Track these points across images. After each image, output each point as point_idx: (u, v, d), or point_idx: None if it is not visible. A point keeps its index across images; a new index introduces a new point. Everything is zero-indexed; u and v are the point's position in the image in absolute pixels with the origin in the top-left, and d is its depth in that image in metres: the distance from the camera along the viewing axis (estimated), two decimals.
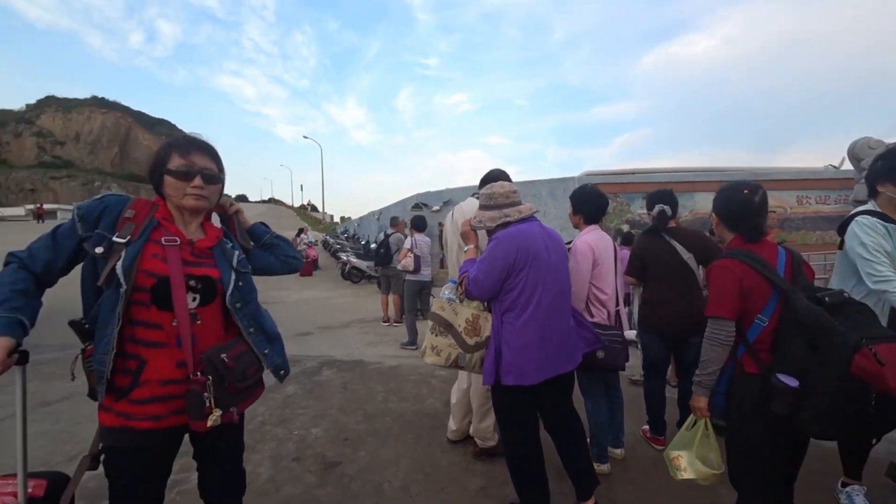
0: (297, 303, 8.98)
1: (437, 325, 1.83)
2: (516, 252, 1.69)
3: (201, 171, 1.24)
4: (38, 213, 34.93)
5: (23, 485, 1.11)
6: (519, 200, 1.86)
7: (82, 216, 1.16)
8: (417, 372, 4.28)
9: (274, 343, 1.38)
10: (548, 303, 1.72)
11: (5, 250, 1.14)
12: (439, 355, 1.82)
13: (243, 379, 1.23)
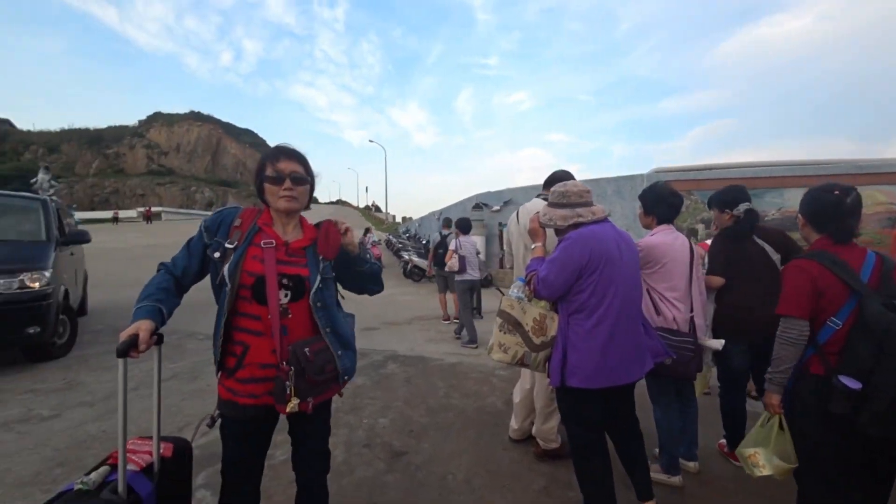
0: (363, 299, 9.38)
1: (506, 322, 1.82)
2: (589, 254, 1.65)
3: (290, 175, 1.37)
4: (147, 215, 39.67)
5: (157, 446, 1.32)
6: (592, 201, 1.83)
7: (206, 228, 1.38)
8: (478, 370, 4.33)
9: (346, 348, 1.47)
10: (618, 307, 1.68)
11: (125, 246, 1.37)
12: (506, 353, 1.81)
13: (321, 373, 1.33)
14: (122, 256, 15.04)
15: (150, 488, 1.21)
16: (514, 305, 1.83)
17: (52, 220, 4.91)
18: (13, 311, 3.89)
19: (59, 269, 4.56)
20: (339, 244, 1.45)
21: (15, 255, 4.21)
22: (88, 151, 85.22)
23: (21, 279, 3.99)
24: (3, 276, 3.93)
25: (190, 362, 4.42)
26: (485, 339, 5.84)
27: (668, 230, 2.27)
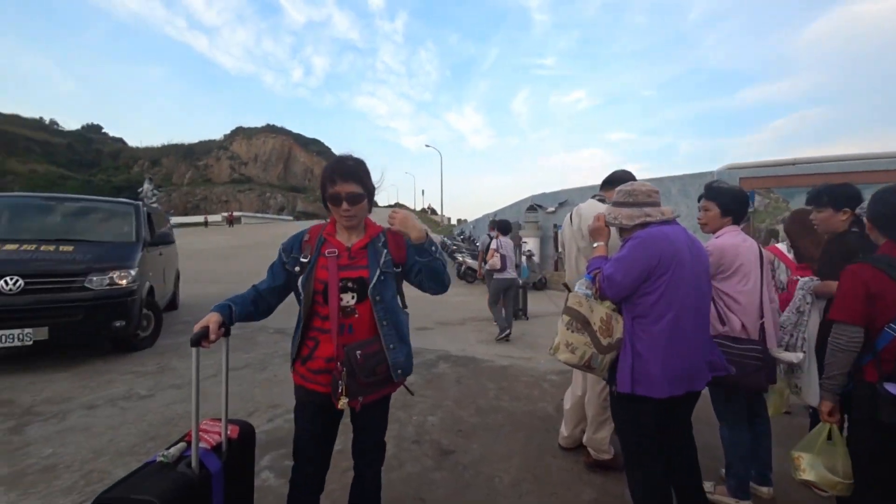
0: (417, 299, 9.52)
1: (574, 320, 1.67)
2: (659, 255, 1.55)
3: (346, 197, 1.45)
4: (229, 219, 43.40)
5: (225, 427, 1.45)
6: (660, 202, 1.72)
7: (283, 250, 1.55)
8: (529, 374, 4.25)
9: (402, 343, 1.52)
10: (686, 313, 1.57)
11: (212, 246, 1.52)
12: (574, 353, 1.64)
13: (371, 375, 1.40)
14: (210, 256, 16.58)
15: (218, 465, 1.33)
16: (582, 302, 1.69)
17: (142, 224, 5.34)
18: (103, 306, 4.25)
19: (144, 267, 4.93)
20: (405, 251, 1.55)
21: (107, 255, 4.58)
22: (183, 163, 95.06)
23: (111, 276, 4.37)
24: (96, 273, 4.31)
25: (261, 354, 4.77)
26: (529, 341, 5.74)
27: (735, 231, 2.09)
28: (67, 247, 4.48)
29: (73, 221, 5.15)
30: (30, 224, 4.97)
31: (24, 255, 4.23)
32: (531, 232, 12.90)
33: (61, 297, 4.06)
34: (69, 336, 4.11)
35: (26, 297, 3.92)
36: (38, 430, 2.80)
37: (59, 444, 2.62)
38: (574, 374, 2.61)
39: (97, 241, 4.82)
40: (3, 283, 3.86)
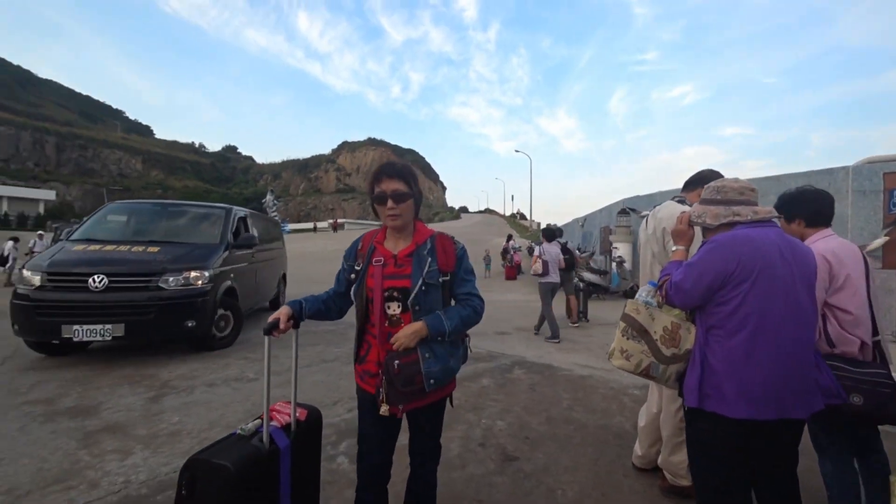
0: (499, 303, 9.53)
1: (630, 327, 1.60)
2: (737, 261, 1.37)
3: (391, 194, 1.45)
4: (334, 225, 47.72)
5: (294, 410, 1.61)
6: (755, 200, 1.51)
7: (345, 257, 1.63)
8: (609, 386, 3.96)
9: (440, 353, 1.45)
10: (776, 326, 1.35)
11: (318, 249, 1.70)
12: (629, 360, 1.58)
13: (408, 384, 1.38)
14: (316, 258, 18.40)
15: (286, 443, 1.48)
16: (640, 310, 1.60)
17: (228, 227, 5.43)
18: (175, 306, 4.31)
19: (225, 269, 5.01)
20: (454, 259, 1.51)
21: (186, 256, 4.67)
22: (298, 176, 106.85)
23: (186, 277, 4.46)
24: (172, 273, 4.39)
25: (349, 349, 5.16)
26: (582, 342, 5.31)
27: (832, 236, 1.75)
28: (154, 248, 4.67)
29: (171, 224, 5.45)
30: (135, 227, 5.32)
31: (114, 255, 4.44)
32: (623, 237, 12.02)
33: (137, 295, 4.21)
34: (143, 333, 4.26)
35: (108, 294, 4.11)
36: (171, 401, 3.37)
37: (185, 413, 3.13)
38: (651, 389, 2.38)
39: (183, 243, 4.97)
40: (91, 281, 4.09)
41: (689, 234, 1.69)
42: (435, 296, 1.48)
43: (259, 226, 6.80)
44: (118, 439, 2.70)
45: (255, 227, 6.58)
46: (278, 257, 7.98)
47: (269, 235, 7.46)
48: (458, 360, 1.52)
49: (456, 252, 1.54)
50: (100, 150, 76.11)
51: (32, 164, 64.61)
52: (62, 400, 3.33)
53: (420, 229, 1.56)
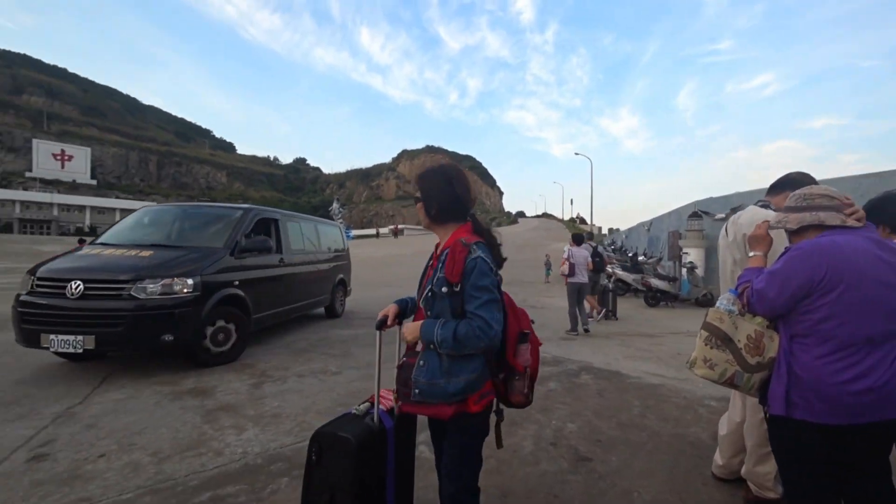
0: (561, 309, 9.38)
1: (714, 336, 1.57)
2: (825, 269, 1.33)
3: (415, 198, 1.57)
4: (395, 231, 49.35)
5: (396, 396, 1.81)
6: (849, 205, 1.47)
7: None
8: (682, 395, 3.82)
9: (436, 364, 1.37)
10: (869, 335, 1.31)
11: (381, 254, 1.90)
12: (713, 369, 1.56)
13: (403, 385, 1.42)
14: (378, 263, 19.22)
15: (391, 423, 1.69)
16: (723, 318, 1.57)
17: (238, 230, 4.87)
18: (147, 318, 3.76)
19: (226, 276, 4.47)
20: (460, 271, 1.35)
21: (173, 262, 4.16)
22: (361, 185, 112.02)
23: (165, 284, 3.90)
24: (150, 281, 3.82)
25: None
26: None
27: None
28: (147, 252, 4.22)
29: (183, 227, 5.08)
30: (149, 230, 5.02)
31: (101, 260, 4.04)
32: (694, 242, 11.30)
33: (106, 305, 3.73)
34: (114, 346, 3.79)
35: (82, 302, 3.69)
36: (270, 388, 3.80)
37: (282, 399, 3.52)
38: (733, 397, 2.32)
39: (181, 247, 4.56)
40: (68, 288, 3.71)
41: (767, 240, 1.66)
42: (442, 305, 1.39)
43: (302, 230, 6.51)
44: (232, 417, 3.12)
45: (297, 232, 6.31)
46: (333, 263, 7.50)
47: (319, 241, 7.11)
48: (457, 383, 1.34)
49: (465, 263, 1.35)
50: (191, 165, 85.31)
51: (138, 180, 73.93)
52: (184, 382, 3.88)
53: (454, 233, 1.47)
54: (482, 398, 1.39)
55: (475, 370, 1.37)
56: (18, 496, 2.11)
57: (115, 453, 2.56)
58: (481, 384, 1.39)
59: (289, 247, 5.93)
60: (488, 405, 1.43)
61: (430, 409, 1.38)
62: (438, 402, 1.36)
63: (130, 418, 3.07)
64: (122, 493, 2.16)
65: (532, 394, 1.52)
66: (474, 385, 1.36)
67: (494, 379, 1.45)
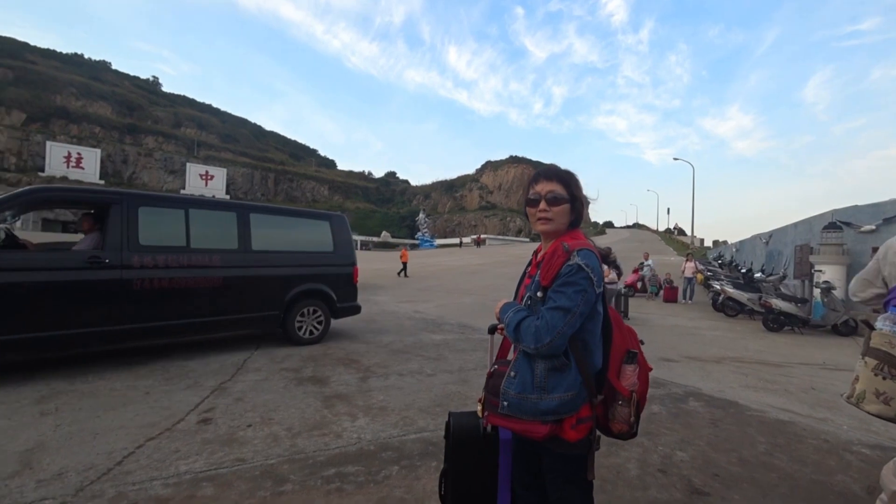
0: (661, 328, 8.62)
1: (885, 364, 1.35)
2: None
3: (546, 196, 1.32)
4: (477, 240, 49.82)
5: None
6: None
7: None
8: (821, 437, 3.28)
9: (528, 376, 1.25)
10: None
11: (463, 263, 1.95)
12: (888, 404, 1.33)
13: (493, 394, 1.32)
14: (463, 272, 19.56)
15: (509, 435, 1.69)
16: (893, 342, 1.37)
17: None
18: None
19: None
20: (554, 274, 1.25)
21: None
22: (445, 196, 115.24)
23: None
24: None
25: None
26: (825, 398, 4.26)
27: None
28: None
29: None
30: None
31: None
32: (831, 257, 9.62)
33: None
34: None
35: None
36: (375, 383, 4.10)
37: (386, 394, 3.78)
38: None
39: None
40: None
41: None
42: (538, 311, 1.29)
43: (192, 219, 4.75)
44: (346, 406, 3.44)
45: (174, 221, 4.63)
46: (297, 268, 5.58)
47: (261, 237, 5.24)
48: (550, 401, 1.22)
49: (561, 267, 1.24)
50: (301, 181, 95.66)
51: (260, 195, 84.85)
52: (304, 371, 4.38)
53: (565, 238, 1.34)
54: (580, 423, 1.23)
55: (571, 388, 1.22)
56: (194, 450, 2.59)
57: (258, 425, 2.99)
58: (578, 406, 1.23)
59: (135, 241, 4.26)
60: (588, 434, 1.26)
61: (522, 424, 1.25)
62: (530, 418, 1.23)
63: (267, 396, 3.56)
64: (267, 458, 2.52)
65: (638, 425, 1.33)
66: (570, 405, 1.22)
67: (593, 400, 1.26)
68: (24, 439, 2.65)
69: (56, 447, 2.56)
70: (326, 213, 6.29)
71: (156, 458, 2.47)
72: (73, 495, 2.07)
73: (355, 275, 6.23)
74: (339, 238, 6.14)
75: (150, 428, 2.87)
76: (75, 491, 2.10)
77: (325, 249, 5.98)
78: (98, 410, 3.14)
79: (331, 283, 5.88)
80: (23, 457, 2.44)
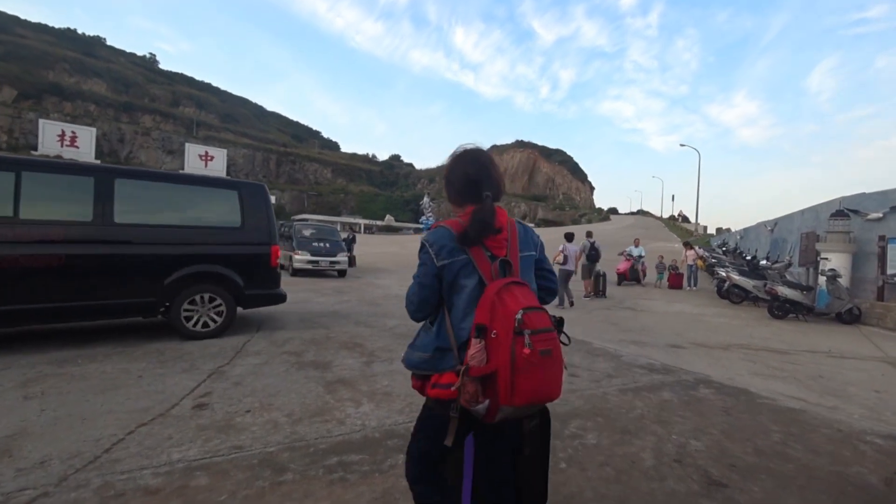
0: (665, 314, 8.51)
1: None
2: None
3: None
4: None
5: None
6: None
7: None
8: (835, 427, 3.17)
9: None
10: None
11: None
12: None
13: None
14: None
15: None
16: None
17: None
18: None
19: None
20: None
21: None
22: None
23: None
24: None
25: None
26: (833, 386, 4.16)
27: None
28: None
29: None
30: None
31: None
32: (837, 245, 9.44)
33: None
34: None
35: None
36: (379, 367, 4.00)
37: (391, 379, 3.68)
38: None
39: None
40: None
41: None
42: None
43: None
44: (349, 391, 3.33)
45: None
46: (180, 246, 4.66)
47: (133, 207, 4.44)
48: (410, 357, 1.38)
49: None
50: (303, 163, 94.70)
51: (262, 177, 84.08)
52: (305, 355, 4.27)
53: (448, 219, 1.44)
54: (436, 386, 1.28)
55: (426, 350, 1.31)
56: (188, 437, 2.48)
57: (257, 410, 2.88)
58: (437, 368, 1.28)
59: None
60: (445, 400, 1.24)
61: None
62: (407, 368, 1.40)
63: (267, 381, 3.46)
64: (266, 446, 2.41)
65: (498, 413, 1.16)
66: (426, 365, 1.31)
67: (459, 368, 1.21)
68: (3, 425, 2.53)
69: (39, 433, 2.44)
70: (234, 181, 5.44)
71: (147, 444, 2.36)
72: (55, 485, 1.95)
73: (273, 256, 5.16)
74: (251, 212, 5.06)
75: (142, 413, 2.75)
76: (58, 480, 1.98)
77: (229, 225, 4.97)
78: (87, 394, 3.03)
79: (235, 265, 4.92)
80: (2, 443, 2.31)
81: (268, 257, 5.12)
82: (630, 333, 6.28)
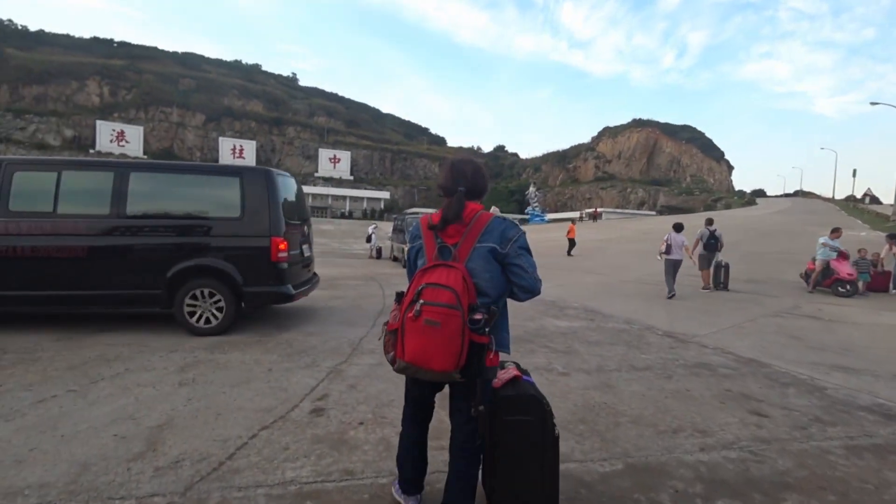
0: (874, 327, 6.33)
1: None
2: None
3: None
4: (594, 214, 45.89)
5: None
6: None
7: None
8: None
9: None
10: None
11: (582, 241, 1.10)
12: None
13: None
14: (579, 248, 17.86)
15: None
16: None
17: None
18: None
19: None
20: None
21: None
22: (557, 167, 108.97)
23: None
24: None
25: (658, 357, 4.33)
26: None
27: None
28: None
29: None
30: None
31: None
32: None
33: None
34: None
35: None
36: None
37: None
38: None
39: None
40: None
41: None
42: None
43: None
44: None
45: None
46: (174, 238, 4.58)
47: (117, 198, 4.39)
48: None
49: None
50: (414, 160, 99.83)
51: (378, 175, 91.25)
52: None
53: None
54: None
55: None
56: (303, 450, 2.30)
57: (370, 424, 2.63)
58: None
59: (5, 207, 4.21)
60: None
61: None
62: None
63: (380, 386, 3.23)
64: (377, 475, 2.10)
65: (387, 351, 1.62)
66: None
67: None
68: (158, 413, 2.68)
69: (182, 426, 2.52)
70: (237, 168, 5.09)
71: (265, 455, 2.23)
72: (181, 494, 1.89)
73: (273, 249, 4.56)
74: (252, 201, 4.60)
75: (265, 413, 2.71)
76: (184, 489, 1.92)
77: (228, 215, 4.59)
78: (225, 386, 3.14)
79: (233, 258, 4.54)
80: (152, 434, 2.42)
81: (266, 250, 4.57)
82: (827, 354, 4.69)
